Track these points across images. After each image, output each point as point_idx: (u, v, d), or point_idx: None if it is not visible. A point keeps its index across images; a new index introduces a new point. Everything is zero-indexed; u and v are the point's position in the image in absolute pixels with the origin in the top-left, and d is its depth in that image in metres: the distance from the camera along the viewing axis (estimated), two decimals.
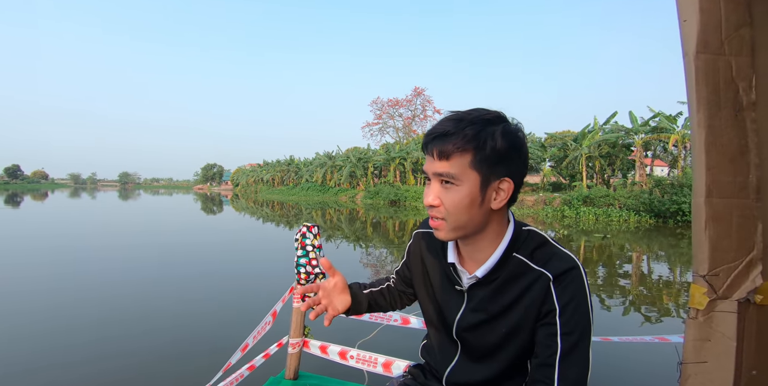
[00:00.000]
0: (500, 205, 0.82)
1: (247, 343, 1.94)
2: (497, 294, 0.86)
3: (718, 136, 0.62)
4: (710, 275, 0.59)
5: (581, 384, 0.76)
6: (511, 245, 0.86)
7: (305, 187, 46.06)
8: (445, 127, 0.80)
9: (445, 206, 0.81)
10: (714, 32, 0.64)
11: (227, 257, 8.03)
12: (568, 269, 0.81)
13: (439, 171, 0.80)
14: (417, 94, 48.04)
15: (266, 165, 63.90)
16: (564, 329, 0.78)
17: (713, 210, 0.60)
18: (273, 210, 23.24)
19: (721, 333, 0.59)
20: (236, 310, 4.48)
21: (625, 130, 23.05)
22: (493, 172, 0.80)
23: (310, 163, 50.13)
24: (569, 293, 0.79)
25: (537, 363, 0.80)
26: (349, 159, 40.28)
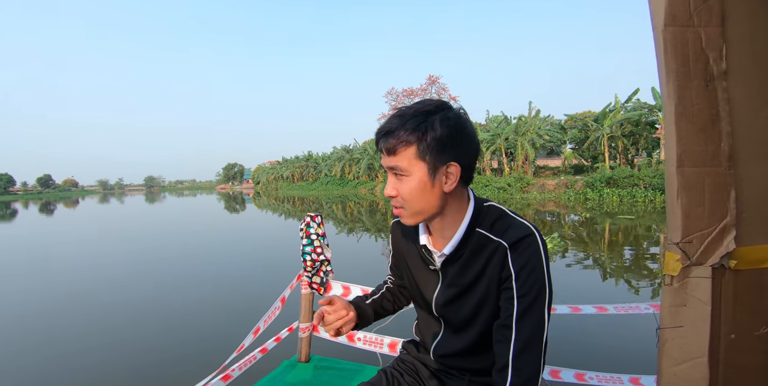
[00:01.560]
0: (451, 188, 0.88)
1: (258, 327, 2.04)
2: (465, 268, 0.93)
3: (688, 106, 0.63)
4: (684, 242, 0.61)
5: (537, 341, 0.81)
6: (473, 221, 0.92)
7: (324, 182, 46.45)
8: (390, 125, 0.87)
9: (402, 195, 0.89)
10: (682, 5, 0.64)
11: (251, 251, 8.23)
12: (523, 237, 0.86)
13: (390, 165, 0.88)
14: (432, 82, 47.54)
15: (285, 161, 64.63)
16: (520, 292, 0.84)
17: (685, 179, 0.62)
18: (294, 206, 23.57)
19: (696, 298, 0.60)
20: (248, 298, 4.69)
21: (649, 107, 22.32)
22: (439, 158, 0.86)
23: (328, 157, 50.46)
24: (524, 258, 0.85)
25: (497, 324, 0.87)
26: (366, 151, 40.36)
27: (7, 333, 3.90)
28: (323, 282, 2.11)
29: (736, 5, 0.67)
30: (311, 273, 2.09)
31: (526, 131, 25.91)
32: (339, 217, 15.60)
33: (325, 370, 2.08)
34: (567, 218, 12.43)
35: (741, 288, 0.62)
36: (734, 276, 0.62)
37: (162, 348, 3.29)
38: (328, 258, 2.08)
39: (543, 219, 11.95)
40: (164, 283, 5.76)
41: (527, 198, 20.05)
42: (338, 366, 2.13)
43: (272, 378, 1.98)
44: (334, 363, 2.17)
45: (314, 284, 2.10)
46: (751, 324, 0.62)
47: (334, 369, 2.09)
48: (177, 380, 2.70)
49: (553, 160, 34.60)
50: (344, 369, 2.09)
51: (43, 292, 5.49)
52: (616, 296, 4.52)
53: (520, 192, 22.30)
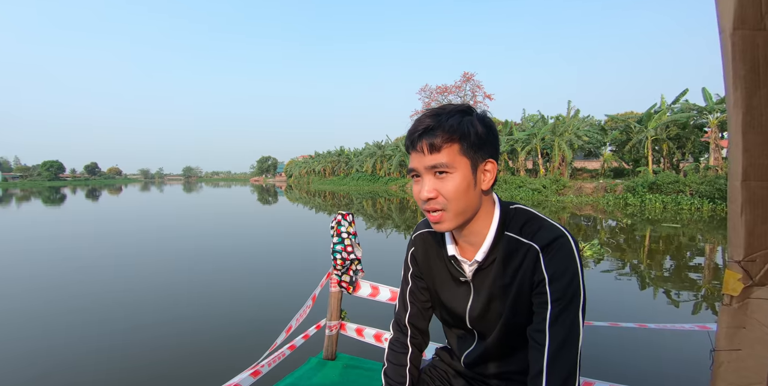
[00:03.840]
0: (489, 185, 0.88)
1: (290, 325, 2.07)
2: (497, 275, 0.90)
3: (757, 116, 0.59)
4: (746, 261, 0.58)
5: (572, 346, 0.79)
6: (501, 224, 0.91)
7: (356, 177, 46.76)
8: (427, 123, 0.85)
9: (444, 195, 0.85)
10: (753, 6, 0.60)
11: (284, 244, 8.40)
12: (555, 238, 0.84)
13: (431, 163, 0.85)
14: (466, 79, 46.86)
15: (317, 156, 65.45)
16: (553, 296, 0.82)
17: (750, 193, 0.58)
18: (324, 200, 23.87)
19: (756, 320, 0.57)
20: (281, 294, 4.79)
21: (698, 109, 21.12)
22: (479, 155, 0.86)
23: (359, 153, 50.72)
24: (556, 262, 0.83)
25: (531, 329, 0.85)
26: (398, 148, 40.30)
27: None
28: (352, 281, 2.12)
29: None
30: (341, 272, 2.09)
31: (563, 131, 25.14)
32: (369, 213, 15.67)
33: (352, 369, 2.10)
34: (605, 223, 12.00)
35: None
36: None
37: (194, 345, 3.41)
38: (358, 257, 2.08)
39: (578, 224, 11.59)
40: (203, 280, 5.96)
41: (563, 201, 19.48)
42: (364, 366, 2.14)
43: (299, 375, 2.01)
44: (360, 362, 2.19)
45: (343, 283, 2.11)
46: None
47: (360, 369, 2.10)
48: (209, 378, 2.79)
49: (591, 163, 33.44)
50: (370, 369, 2.09)
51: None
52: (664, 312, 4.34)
53: (556, 194, 21.70)
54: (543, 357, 0.80)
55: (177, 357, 3.08)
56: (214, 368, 2.88)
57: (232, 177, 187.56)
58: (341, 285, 2.12)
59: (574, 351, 0.79)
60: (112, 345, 3.31)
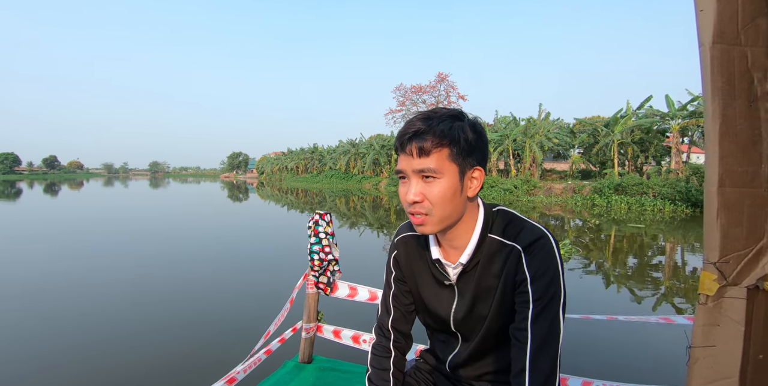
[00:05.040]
0: (475, 193, 0.89)
1: (269, 331, 2.02)
2: (482, 277, 0.91)
3: (732, 125, 0.63)
4: (721, 262, 0.61)
5: (553, 344, 0.82)
6: (485, 226, 0.91)
7: (329, 175, 46.51)
8: (418, 126, 0.84)
9: (430, 200, 0.85)
10: (730, 22, 0.64)
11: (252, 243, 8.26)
12: (536, 239, 0.85)
13: (419, 167, 0.84)
14: (441, 79, 47.30)
15: (290, 153, 64.70)
16: (535, 295, 0.83)
17: (725, 199, 0.62)
18: (297, 198, 23.62)
19: (729, 318, 0.61)
20: (254, 296, 4.67)
21: (661, 115, 22.10)
22: (467, 162, 0.86)
23: (333, 150, 50.47)
24: (538, 261, 0.84)
25: (513, 327, 0.86)
26: (372, 146, 40.33)
27: None
28: (330, 282, 2.08)
29: None
30: (318, 273, 2.06)
31: (534, 133, 25.78)
32: (342, 211, 15.61)
33: (329, 372, 2.07)
34: (573, 223, 12.39)
35: None
36: (766, 297, 0.62)
37: (165, 352, 3.28)
38: (336, 258, 2.05)
39: (548, 223, 11.92)
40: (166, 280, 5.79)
41: (533, 201, 19.98)
42: (341, 368, 2.12)
43: (275, 380, 1.97)
44: (337, 364, 2.16)
45: (321, 284, 2.07)
46: None
47: (338, 371, 2.08)
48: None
49: (559, 164, 34.43)
50: (348, 371, 2.08)
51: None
52: (630, 308, 4.52)
53: (527, 194, 22.22)
54: (525, 355, 0.82)
55: (149, 370, 2.86)
56: (189, 378, 2.75)
57: (201, 173, 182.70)
58: (318, 287, 2.09)
59: (555, 349, 0.82)
60: (77, 356, 3.12)
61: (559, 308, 0.83)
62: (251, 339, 2.02)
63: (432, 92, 47.71)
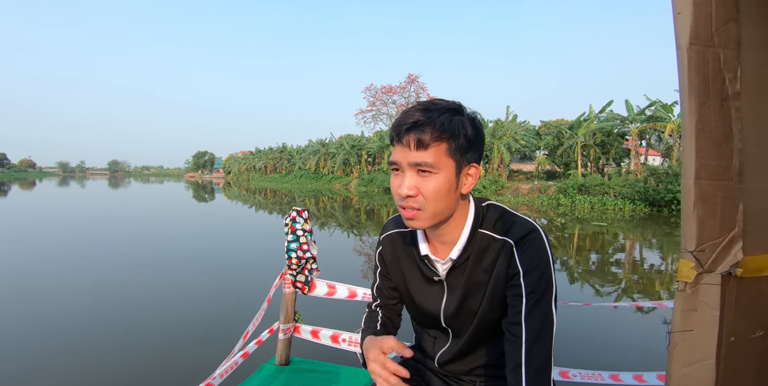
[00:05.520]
0: (469, 190, 0.87)
1: (248, 331, 1.96)
2: (472, 272, 0.90)
3: (707, 122, 0.67)
4: (697, 251, 0.65)
5: (546, 337, 0.82)
6: (476, 222, 0.90)
7: (298, 175, 45.95)
8: (417, 117, 0.81)
9: (424, 195, 0.83)
10: (705, 25, 0.68)
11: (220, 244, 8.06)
12: (527, 233, 0.85)
13: (416, 160, 0.81)
14: (411, 81, 47.65)
15: (258, 152, 63.49)
16: (528, 289, 0.83)
17: (701, 191, 0.65)
18: (265, 198, 23.22)
19: (705, 303, 0.64)
20: (230, 298, 4.55)
21: (621, 119, 23.14)
22: (465, 158, 0.84)
23: (303, 150, 49.89)
24: (530, 255, 0.84)
25: (506, 321, 0.86)
26: (342, 146, 40.14)
27: None
28: (308, 281, 2.03)
29: (751, 31, 0.71)
30: (296, 272, 2.00)
31: (502, 135, 26.40)
32: (312, 211, 15.47)
33: (307, 373, 2.02)
34: (540, 222, 12.74)
35: (742, 294, 0.66)
36: (738, 283, 0.66)
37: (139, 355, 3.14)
38: (314, 256, 2.00)
39: None
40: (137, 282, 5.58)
41: (501, 201, 20.33)
42: (320, 369, 2.07)
43: (251, 385, 1.91)
44: (315, 365, 2.11)
45: (298, 283, 2.02)
46: (749, 327, 0.67)
47: (316, 372, 2.04)
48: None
49: (525, 165, 35.40)
50: (325, 372, 2.04)
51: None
52: (597, 299, 4.68)
53: (495, 194, 22.72)
54: (521, 348, 0.81)
55: (124, 379, 2.69)
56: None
57: (164, 172, 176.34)
58: (296, 286, 2.04)
59: (549, 341, 0.82)
60: (47, 365, 2.95)
61: (552, 301, 0.84)
62: (229, 342, 1.94)
63: (402, 93, 48.01)
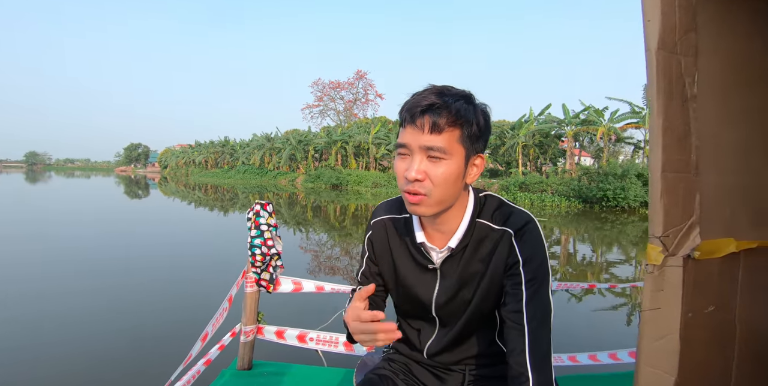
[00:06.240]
0: (474, 180, 0.88)
1: (206, 332, 1.83)
2: (469, 261, 0.91)
3: (671, 121, 0.74)
4: (663, 236, 0.72)
5: (547, 323, 0.84)
6: (474, 211, 0.92)
7: (241, 170, 44.36)
8: (433, 100, 0.80)
9: (432, 180, 0.81)
10: (670, 33, 0.75)
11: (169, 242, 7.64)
12: (525, 223, 0.88)
13: (429, 144, 0.80)
14: (359, 77, 47.65)
15: (198, 146, 60.51)
16: (527, 277, 0.85)
17: (667, 183, 0.73)
18: (206, 194, 22.23)
19: (670, 283, 0.72)
20: (187, 297, 4.34)
21: (558, 121, 24.58)
22: (474, 147, 0.85)
23: (246, 144, 48.21)
24: (529, 245, 0.87)
25: (507, 310, 0.86)
26: (288, 141, 39.26)
27: None
28: (272, 279, 1.94)
29: (706, 41, 0.80)
30: (260, 269, 1.90)
31: None
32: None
33: (272, 377, 1.94)
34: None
35: (698, 274, 0.74)
36: (695, 264, 0.74)
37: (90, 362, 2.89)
38: (279, 252, 1.91)
39: None
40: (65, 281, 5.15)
41: None
42: (286, 371, 1.99)
43: None
44: (280, 367, 2.03)
45: (263, 281, 1.92)
46: (703, 304, 0.75)
47: (282, 375, 1.96)
48: None
49: None
50: (291, 373, 1.97)
51: None
52: None
53: None
54: (524, 335, 0.82)
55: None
56: None
57: (91, 166, 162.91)
58: (260, 284, 1.94)
59: (549, 327, 0.84)
60: None
61: (549, 288, 0.86)
62: (185, 346, 1.79)
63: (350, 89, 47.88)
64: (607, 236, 10.00)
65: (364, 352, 1.93)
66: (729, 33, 0.82)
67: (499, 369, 0.99)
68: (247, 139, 49.77)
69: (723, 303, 0.77)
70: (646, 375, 0.70)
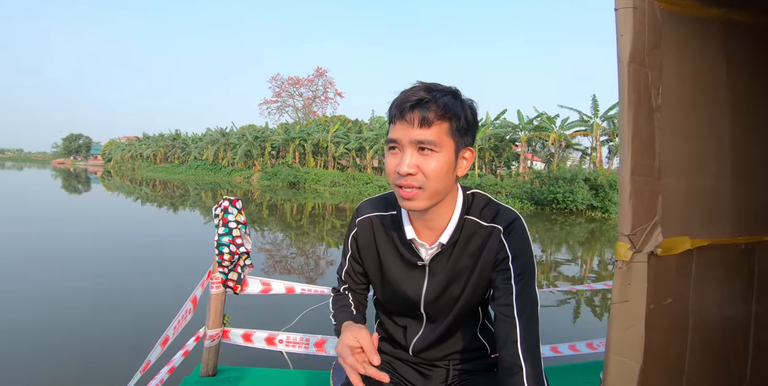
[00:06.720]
0: (464, 173, 0.91)
1: (167, 336, 1.71)
2: (458, 257, 0.94)
3: (639, 128, 0.81)
4: (631, 234, 0.78)
5: (536, 315, 0.88)
6: (464, 208, 0.94)
7: (193, 165, 42.63)
8: (421, 95, 0.83)
9: (425, 173, 0.83)
10: (640, 48, 0.81)
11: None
12: (513, 220, 0.93)
13: (419, 138, 0.82)
14: (319, 74, 47.15)
15: (147, 139, 57.48)
16: (516, 272, 0.89)
17: (635, 185, 0.79)
18: (154, 190, 21.20)
19: (637, 278, 0.78)
20: (145, 298, 4.12)
21: (513, 126, 25.47)
22: (463, 140, 0.88)
23: (199, 138, 46.37)
24: (517, 241, 0.91)
25: (497, 303, 0.89)
26: (244, 137, 38.16)
27: None
28: (240, 279, 1.86)
29: (670, 58, 0.87)
30: (228, 269, 1.82)
31: None
32: (208, 206, 14.52)
33: (238, 382, 1.87)
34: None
35: (659, 269, 0.81)
36: (656, 260, 0.81)
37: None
38: (248, 251, 1.85)
39: None
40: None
41: None
42: (253, 375, 1.92)
43: None
44: (247, 372, 1.95)
45: (230, 281, 1.84)
46: (663, 296, 0.82)
47: (249, 379, 1.89)
48: None
49: None
50: (259, 378, 1.91)
51: None
52: None
53: None
54: (515, 328, 0.85)
55: None
56: None
57: (24, 157, 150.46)
58: (227, 285, 1.85)
59: (537, 319, 0.88)
60: None
61: (535, 282, 0.90)
62: (133, 356, 1.70)
63: (309, 86, 47.29)
64: (556, 237, 10.50)
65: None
66: (689, 52, 0.90)
67: (481, 363, 1.02)
68: (200, 134, 47.90)
69: (679, 296, 0.85)
70: (615, 363, 0.76)
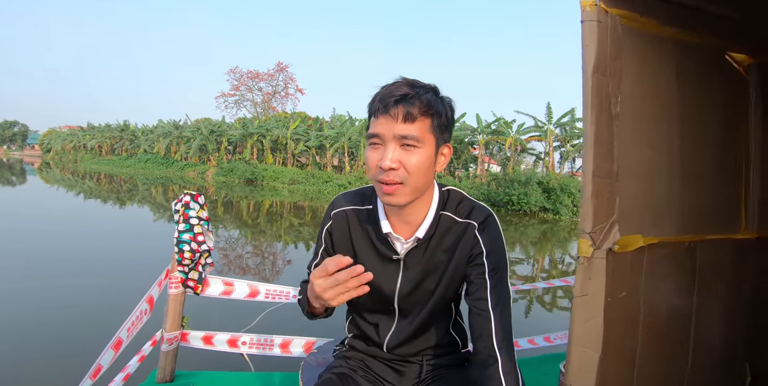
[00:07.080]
0: (442, 168, 0.94)
1: (120, 338, 1.60)
2: (434, 252, 0.96)
3: (601, 133, 0.86)
4: (592, 232, 0.83)
5: (508, 308, 0.92)
6: (440, 204, 0.97)
7: (143, 159, 40.47)
8: (405, 91, 0.84)
9: (407, 168, 0.85)
10: (603, 59, 0.87)
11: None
12: (487, 217, 0.96)
13: (403, 133, 0.84)
14: (280, 69, 46.19)
15: (91, 129, 53.95)
16: (490, 266, 0.92)
17: (596, 186, 0.84)
18: (98, 184, 20.01)
19: (596, 273, 0.83)
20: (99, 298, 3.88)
21: (472, 130, 26.11)
22: (443, 137, 0.90)
23: (150, 131, 44.08)
24: (491, 236, 0.94)
25: (472, 297, 0.92)
26: (199, 130, 36.65)
27: None
28: (201, 279, 1.78)
29: (628, 69, 0.94)
30: (188, 268, 1.74)
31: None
32: (159, 202, 13.88)
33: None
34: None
35: (615, 264, 0.88)
36: (613, 256, 0.87)
37: None
38: (210, 249, 1.78)
39: None
40: None
41: None
42: (212, 379, 1.85)
43: None
44: (207, 376, 1.89)
45: (191, 281, 1.76)
46: (618, 289, 0.89)
47: (209, 383, 1.82)
48: None
49: None
50: (220, 382, 1.85)
51: None
52: None
53: None
54: (489, 320, 0.88)
55: None
56: None
57: None
58: (187, 285, 1.77)
59: (510, 312, 0.91)
60: None
61: (508, 276, 0.94)
62: (78, 363, 1.57)
63: (270, 80, 46.25)
64: (511, 237, 10.89)
65: (301, 353, 1.90)
66: (647, 66, 0.98)
67: (453, 357, 1.05)
68: (152, 125, 45.59)
69: (632, 290, 0.91)
70: (577, 353, 0.81)
